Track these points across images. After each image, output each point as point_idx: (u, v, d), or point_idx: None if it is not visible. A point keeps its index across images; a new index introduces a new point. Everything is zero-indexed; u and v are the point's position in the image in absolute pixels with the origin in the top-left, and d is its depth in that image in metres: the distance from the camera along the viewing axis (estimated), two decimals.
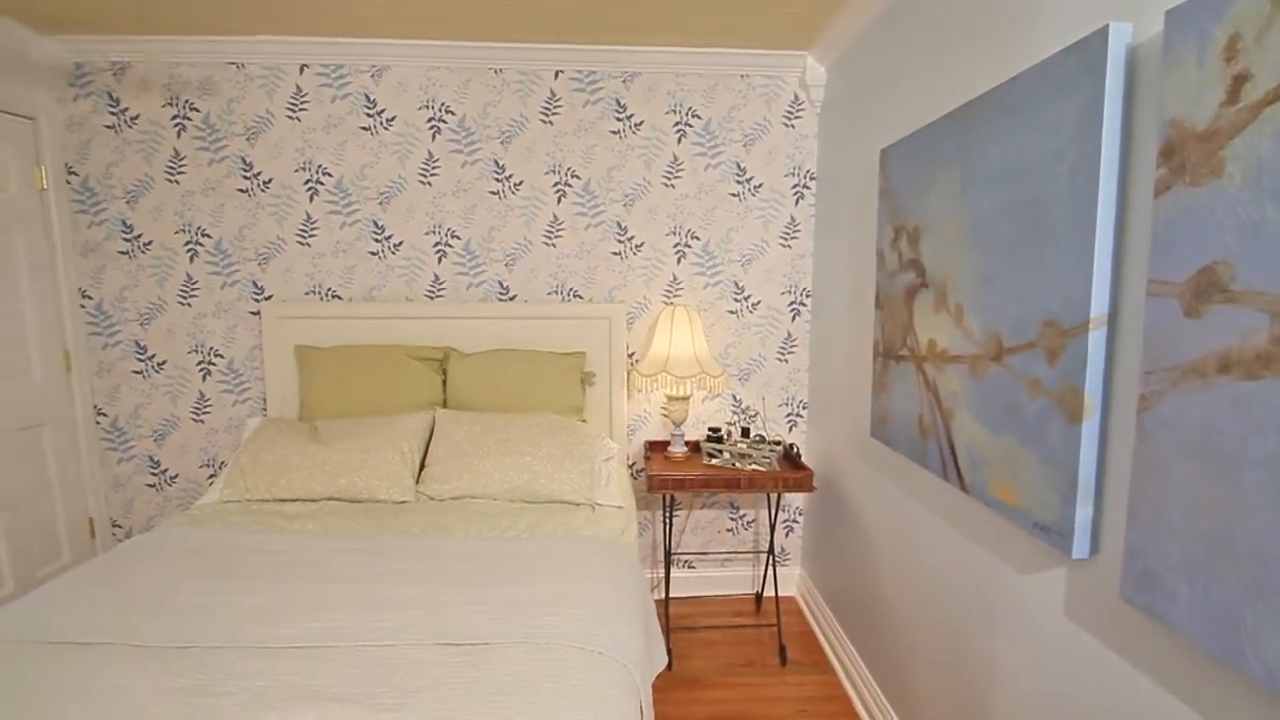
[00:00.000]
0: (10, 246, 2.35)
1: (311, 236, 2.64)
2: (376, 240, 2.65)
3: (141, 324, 2.66)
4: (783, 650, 2.44)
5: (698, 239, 2.73)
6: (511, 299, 2.72)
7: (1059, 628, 1.21)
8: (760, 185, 2.71)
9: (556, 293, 2.73)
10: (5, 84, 2.30)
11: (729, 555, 2.93)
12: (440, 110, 2.59)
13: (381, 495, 2.15)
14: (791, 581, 2.95)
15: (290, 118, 2.57)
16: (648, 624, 1.75)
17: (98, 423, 2.70)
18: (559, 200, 2.67)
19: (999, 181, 1.32)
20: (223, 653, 1.32)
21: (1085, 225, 1.07)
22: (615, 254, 2.71)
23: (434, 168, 2.62)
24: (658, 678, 2.06)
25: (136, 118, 2.55)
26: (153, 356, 2.68)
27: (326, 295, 2.68)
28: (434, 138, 2.61)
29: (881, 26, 2.03)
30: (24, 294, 2.40)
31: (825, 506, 2.60)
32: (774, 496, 2.70)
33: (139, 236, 2.61)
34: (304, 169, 2.60)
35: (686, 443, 2.65)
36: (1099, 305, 1.06)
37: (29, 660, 1.29)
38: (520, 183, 2.65)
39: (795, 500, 2.92)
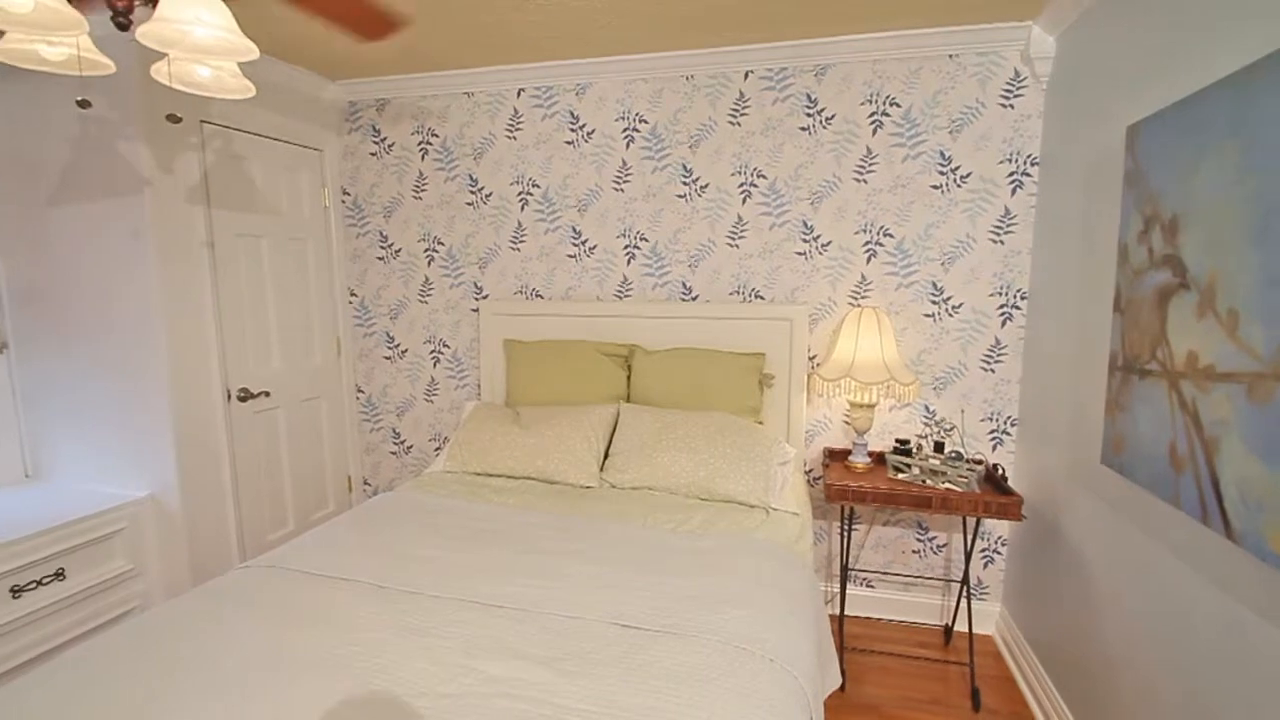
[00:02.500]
0: (303, 254, 2.95)
1: (521, 242, 2.95)
2: (574, 244, 2.88)
3: (391, 318, 3.18)
4: (975, 693, 2.19)
5: (891, 236, 2.55)
6: (694, 299, 2.78)
7: None
8: (968, 175, 2.45)
9: (738, 293, 2.73)
10: (303, 123, 2.89)
11: (914, 579, 2.70)
12: (634, 120, 2.74)
13: (570, 479, 2.34)
14: (989, 619, 2.64)
15: (508, 137, 2.89)
16: (820, 638, 1.69)
17: (357, 398, 3.29)
18: (744, 201, 2.67)
19: None
20: (440, 601, 1.54)
21: None
22: (800, 254, 2.64)
23: (626, 175, 2.78)
24: (829, 698, 1.98)
25: (392, 145, 3.05)
26: (398, 345, 3.19)
27: (531, 295, 2.97)
28: (627, 146, 2.76)
29: None
30: (311, 293, 3.00)
31: (1036, 538, 2.28)
32: (971, 522, 2.43)
33: (391, 245, 3.13)
34: (517, 182, 2.91)
35: (870, 453, 2.50)
36: None
37: (300, 587, 1.61)
38: (706, 185, 2.70)
39: (997, 528, 2.60)
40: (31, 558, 2.00)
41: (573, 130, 2.81)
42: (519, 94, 2.85)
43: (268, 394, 2.75)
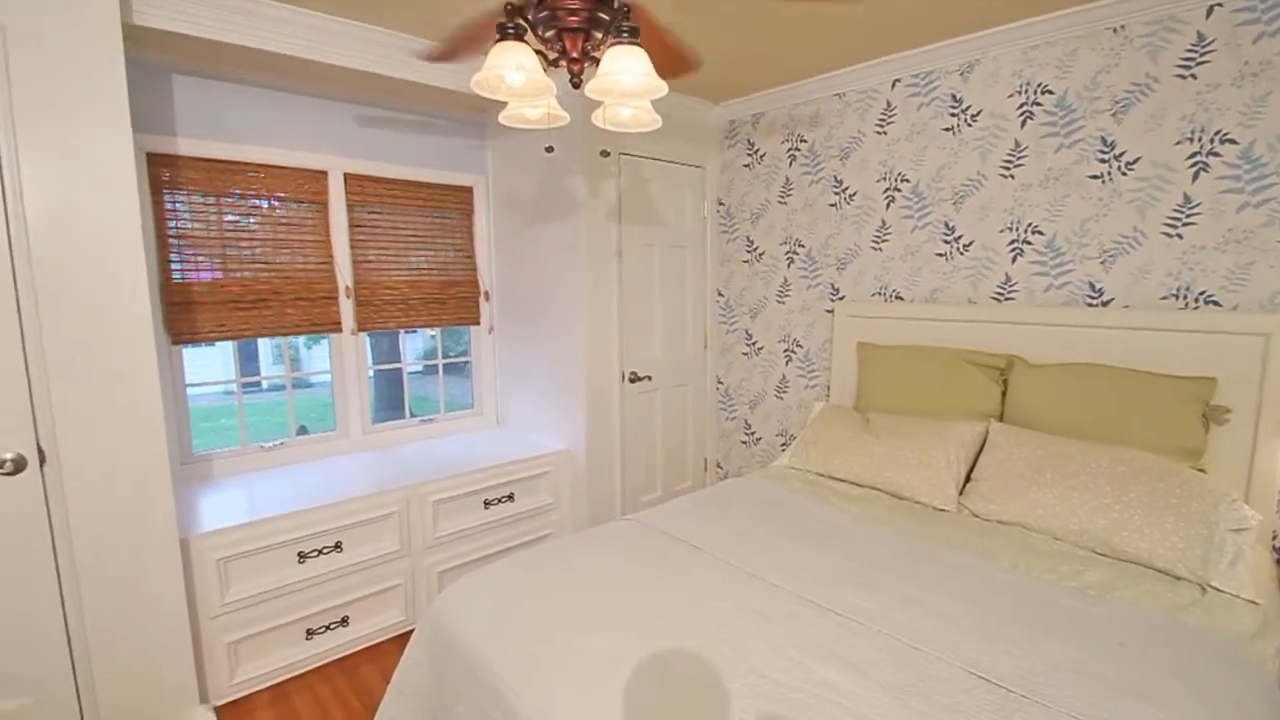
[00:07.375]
0: (683, 259, 3.38)
1: (884, 242, 2.82)
2: (945, 242, 2.63)
3: (751, 316, 3.41)
4: None
5: None
6: (1104, 303, 2.25)
7: None
8: None
9: (1176, 296, 2.11)
10: (691, 144, 3.30)
11: None
12: (1035, 93, 2.34)
13: (922, 498, 2.16)
14: None
15: (878, 133, 2.80)
16: None
17: (717, 388, 3.63)
18: (1194, 177, 2.04)
19: None
20: (779, 591, 1.61)
21: None
22: None
23: (1019, 158, 2.40)
24: None
25: (764, 156, 3.25)
26: (755, 342, 3.41)
27: (890, 296, 2.82)
28: (1023, 125, 2.38)
29: None
30: (687, 293, 3.42)
31: None
32: None
33: (756, 248, 3.34)
34: (884, 179, 2.80)
35: None
36: None
37: (666, 546, 1.88)
38: (1135, 160, 2.15)
39: None
40: (497, 481, 2.79)
41: (953, 115, 2.56)
42: (893, 85, 2.72)
43: (649, 378, 3.24)
